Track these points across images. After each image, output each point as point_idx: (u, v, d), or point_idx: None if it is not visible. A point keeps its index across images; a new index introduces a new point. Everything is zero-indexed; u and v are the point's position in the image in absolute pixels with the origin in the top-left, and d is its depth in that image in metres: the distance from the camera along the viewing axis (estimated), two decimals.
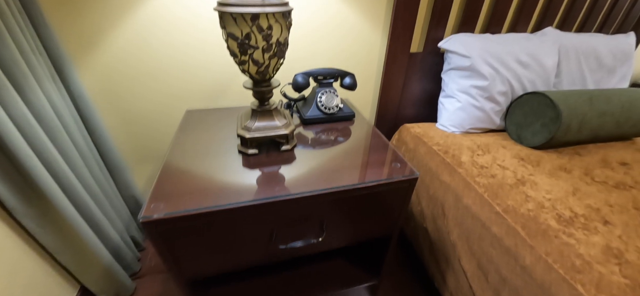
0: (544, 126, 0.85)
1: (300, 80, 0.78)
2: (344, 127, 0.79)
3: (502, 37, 0.94)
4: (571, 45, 0.99)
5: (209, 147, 0.69)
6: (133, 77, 0.82)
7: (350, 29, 0.89)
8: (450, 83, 0.95)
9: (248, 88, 0.63)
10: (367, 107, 1.07)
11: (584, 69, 1.03)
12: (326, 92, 0.79)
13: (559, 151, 0.90)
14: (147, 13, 0.74)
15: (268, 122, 0.66)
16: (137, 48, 0.78)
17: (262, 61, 0.57)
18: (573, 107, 0.84)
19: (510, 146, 0.90)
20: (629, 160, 0.88)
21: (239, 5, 0.50)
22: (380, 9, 0.88)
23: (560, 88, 1.03)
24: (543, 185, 0.73)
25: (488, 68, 0.88)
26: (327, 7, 0.84)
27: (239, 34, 0.53)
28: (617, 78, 1.10)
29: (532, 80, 0.93)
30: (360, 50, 0.94)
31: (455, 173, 0.78)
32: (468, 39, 0.89)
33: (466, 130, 0.96)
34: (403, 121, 1.09)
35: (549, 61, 0.94)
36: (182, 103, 0.90)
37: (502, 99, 0.92)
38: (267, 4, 0.50)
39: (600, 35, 1.06)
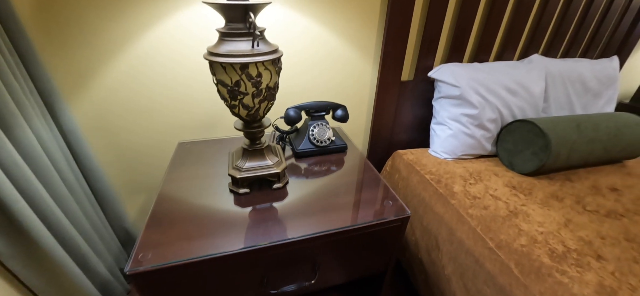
0: (534, 154, 0.86)
1: (292, 114, 0.79)
2: (336, 160, 0.79)
3: (490, 65, 0.96)
4: (557, 71, 1.02)
5: (199, 184, 0.68)
6: (125, 112, 0.82)
7: (341, 60, 0.90)
8: (441, 111, 0.96)
9: (239, 130, 0.63)
10: (360, 133, 1.07)
11: (571, 94, 1.05)
12: (318, 125, 0.80)
13: (550, 177, 0.91)
14: (139, 50, 0.74)
15: (259, 162, 0.66)
16: (129, 84, 0.78)
17: (252, 105, 0.57)
18: (562, 134, 0.85)
19: (502, 173, 0.91)
20: (619, 186, 0.89)
21: (228, 55, 0.50)
22: (370, 40, 0.90)
23: (548, 113, 1.05)
24: (535, 217, 0.73)
25: (477, 97, 0.89)
26: (318, 40, 0.85)
27: (228, 82, 0.53)
28: (603, 102, 1.12)
29: (521, 107, 0.95)
30: (352, 80, 0.95)
31: (448, 205, 0.78)
32: (457, 68, 0.91)
33: (458, 156, 0.96)
34: (396, 146, 1.10)
35: (536, 88, 0.96)
36: (174, 135, 0.89)
37: (492, 126, 0.93)
38: (256, 53, 0.51)
39: (585, 61, 1.09)
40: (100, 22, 0.69)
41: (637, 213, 0.78)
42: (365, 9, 0.85)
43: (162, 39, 0.74)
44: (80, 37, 0.70)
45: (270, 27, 0.79)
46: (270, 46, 0.55)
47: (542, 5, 1.00)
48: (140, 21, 0.71)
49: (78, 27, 0.69)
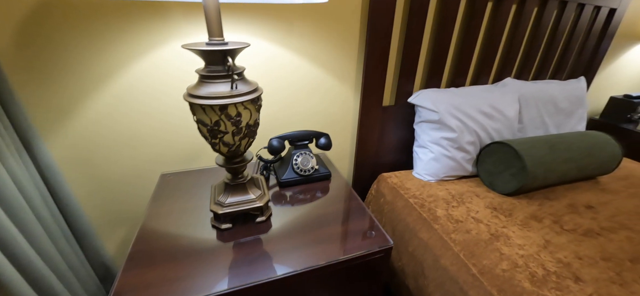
0: (512, 176, 0.89)
1: (275, 144, 0.79)
2: (320, 188, 0.80)
3: (467, 90, 1.00)
4: (529, 93, 1.07)
5: (181, 220, 0.67)
6: (106, 144, 0.80)
7: (323, 89, 0.92)
8: (422, 134, 0.98)
9: (221, 166, 0.63)
10: (345, 157, 1.08)
11: (544, 115, 1.10)
12: (302, 154, 0.80)
13: (529, 196, 0.94)
14: (123, 83, 0.74)
15: (242, 196, 0.65)
16: (112, 116, 0.77)
17: (232, 142, 0.57)
18: (537, 156, 0.89)
19: (484, 194, 0.93)
20: (594, 203, 0.92)
21: (207, 97, 0.51)
22: (350, 69, 0.93)
23: (524, 133, 1.10)
24: (516, 239, 0.74)
25: (455, 121, 0.93)
26: (300, 72, 0.87)
27: (208, 121, 0.54)
28: (575, 120, 1.18)
29: (497, 129, 0.99)
30: (335, 107, 0.97)
31: (432, 230, 0.79)
32: (435, 94, 0.95)
33: (441, 178, 0.98)
34: (382, 168, 1.11)
35: (511, 111, 1.00)
36: (156, 167, 0.88)
37: (472, 148, 0.97)
38: (235, 94, 0.52)
39: (555, 82, 1.16)
40: (82, 58, 0.69)
41: (612, 231, 0.81)
42: (344, 41, 0.88)
43: (146, 72, 0.75)
44: (62, 73, 0.69)
45: (252, 60, 0.81)
46: (249, 85, 0.56)
47: (511, 31, 1.06)
48: (123, 56, 0.72)
49: (60, 64, 0.68)
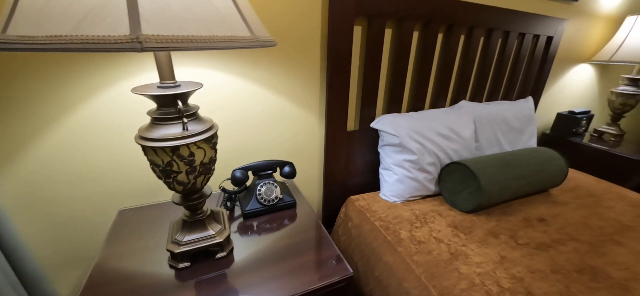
0: (470, 195, 0.94)
1: (238, 175, 0.79)
2: (284, 218, 0.80)
3: (425, 113, 1.06)
4: (483, 114, 1.15)
5: (137, 260, 0.64)
6: (59, 182, 0.76)
7: (288, 118, 0.95)
8: (386, 157, 1.02)
9: (178, 204, 0.61)
10: (314, 182, 1.10)
11: (498, 133, 1.18)
12: (266, 183, 0.81)
13: (488, 213, 0.99)
14: (77, 120, 0.72)
15: (200, 233, 0.64)
16: (65, 153, 0.74)
17: (187, 181, 0.57)
18: (491, 174, 0.95)
19: (446, 212, 0.97)
20: (546, 216, 0.99)
21: (159, 139, 0.51)
22: (314, 98, 0.96)
23: (482, 151, 1.17)
24: (474, 257, 0.78)
25: (415, 144, 0.97)
26: (264, 102, 0.89)
27: (160, 162, 0.53)
28: (526, 136, 1.28)
29: (455, 149, 1.04)
30: (301, 134, 0.99)
31: (396, 253, 0.80)
32: (395, 119, 0.99)
33: (406, 199, 1.02)
34: (351, 191, 1.13)
35: (467, 132, 1.07)
36: (115, 202, 0.84)
37: (432, 169, 1.01)
38: (187, 135, 0.52)
39: (506, 103, 1.25)
40: (33, 98, 0.67)
41: (561, 243, 0.86)
42: (306, 71, 0.91)
43: (103, 107, 0.73)
44: (10, 115, 0.67)
45: (213, 93, 0.82)
46: (204, 124, 0.56)
47: (462, 58, 1.15)
48: (78, 93, 0.70)
49: (7, 107, 0.66)
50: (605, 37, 1.61)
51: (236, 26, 0.40)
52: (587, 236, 0.90)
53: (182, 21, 0.35)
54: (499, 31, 1.15)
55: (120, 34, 0.31)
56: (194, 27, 0.35)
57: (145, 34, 0.32)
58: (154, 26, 0.33)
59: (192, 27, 0.35)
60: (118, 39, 0.31)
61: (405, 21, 0.95)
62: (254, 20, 0.46)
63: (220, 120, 0.85)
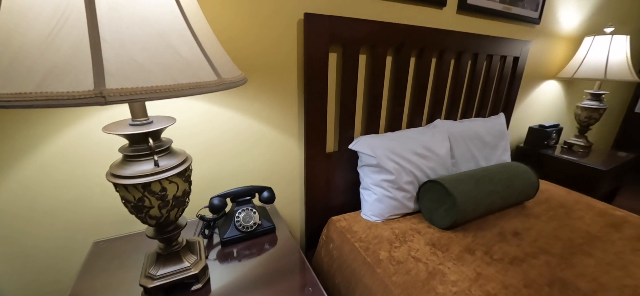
0: (446, 212, 0.97)
1: (216, 203, 0.79)
2: (263, 244, 0.80)
3: (402, 133, 1.10)
4: (458, 132, 1.20)
5: (111, 295, 0.63)
6: (30, 216, 0.74)
7: (267, 142, 0.96)
8: (365, 177, 1.05)
9: (151, 238, 0.61)
10: (296, 203, 1.11)
11: (472, 149, 1.24)
12: (244, 210, 0.81)
13: (465, 228, 1.02)
14: (51, 151, 0.71)
15: (175, 266, 0.63)
16: (38, 184, 0.73)
17: (159, 215, 0.57)
18: (465, 191, 0.98)
19: (425, 230, 1.00)
20: (520, 229, 1.03)
21: (130, 176, 0.51)
22: (292, 122, 0.98)
23: (458, 167, 1.21)
24: (450, 276, 0.80)
25: (392, 164, 1.01)
26: (242, 128, 0.90)
27: (131, 199, 0.54)
28: (500, 151, 1.33)
29: (432, 167, 1.08)
30: (281, 158, 1.01)
31: (375, 275, 0.81)
32: (373, 140, 1.03)
33: (386, 218, 1.04)
34: (333, 210, 1.14)
35: (442, 150, 1.11)
36: (89, 234, 0.83)
37: (410, 187, 1.04)
38: (159, 171, 0.53)
39: (479, 120, 1.32)
40: (4, 133, 0.67)
41: (533, 256, 0.90)
42: (284, 97, 0.94)
43: (75, 139, 0.73)
44: None
45: (191, 119, 0.83)
46: (177, 158, 0.57)
47: (435, 79, 1.21)
48: (49, 127, 0.70)
49: None
50: (568, 54, 1.73)
51: (202, 72, 0.42)
52: (558, 248, 0.94)
53: (147, 73, 0.36)
54: (469, 53, 1.22)
55: (84, 89, 0.33)
56: (158, 78, 0.37)
57: (109, 88, 0.34)
58: (118, 80, 0.34)
59: (156, 78, 0.37)
60: (82, 94, 0.33)
61: (377, 47, 1.00)
62: (222, 62, 0.48)
63: (198, 147, 0.86)
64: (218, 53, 0.48)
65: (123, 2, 0.36)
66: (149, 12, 0.39)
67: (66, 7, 0.34)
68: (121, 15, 0.36)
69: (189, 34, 0.42)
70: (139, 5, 0.38)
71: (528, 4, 1.33)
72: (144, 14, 0.38)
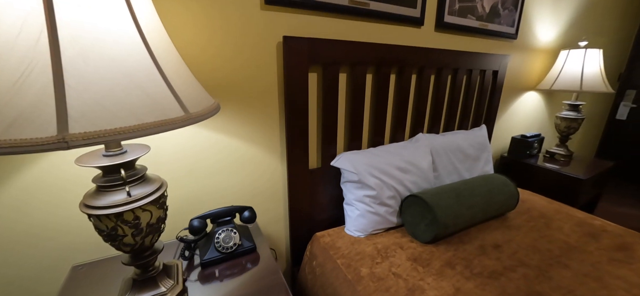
0: (427, 226, 0.99)
1: (196, 225, 0.80)
2: (243, 265, 0.80)
3: (384, 148, 1.12)
4: (439, 145, 1.23)
5: None
6: (4, 246, 0.74)
7: (250, 161, 0.97)
8: (348, 193, 1.06)
9: (126, 264, 0.62)
10: (280, 221, 1.11)
11: (455, 162, 1.26)
12: (224, 230, 0.82)
13: (447, 242, 1.03)
14: (28, 180, 0.72)
15: (151, 292, 0.63)
16: (12, 214, 0.73)
17: (133, 242, 0.58)
18: (445, 206, 1.00)
19: (407, 244, 1.01)
20: (501, 241, 1.05)
21: (102, 207, 0.52)
22: (274, 140, 1.00)
23: (441, 180, 1.23)
24: (429, 292, 0.81)
25: (374, 179, 1.02)
26: (223, 147, 0.91)
27: (104, 228, 0.54)
28: (482, 163, 1.36)
29: (414, 181, 1.10)
30: (264, 176, 1.02)
31: (356, 293, 0.82)
32: (354, 156, 1.05)
33: (369, 233, 1.05)
34: (318, 226, 1.15)
35: (424, 163, 1.14)
36: (68, 257, 0.82)
37: (392, 202, 1.06)
38: (132, 201, 0.54)
39: (461, 132, 1.35)
40: None
41: (512, 270, 0.91)
42: (266, 116, 0.95)
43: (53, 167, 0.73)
44: None
45: (170, 141, 0.84)
46: (151, 185, 0.58)
47: (416, 94, 1.24)
48: (25, 157, 0.70)
49: None
50: (546, 67, 1.78)
51: (169, 109, 0.43)
52: (536, 260, 0.96)
53: (111, 115, 0.38)
54: (448, 69, 1.26)
55: (47, 135, 0.34)
56: (123, 119, 0.38)
57: (72, 133, 0.35)
58: (82, 124, 0.36)
59: (121, 119, 0.38)
60: (45, 141, 0.34)
61: (357, 66, 1.03)
62: (192, 95, 0.50)
63: (179, 168, 0.87)
64: (188, 87, 0.50)
65: (90, 47, 0.38)
66: (117, 54, 0.40)
67: (33, 56, 0.35)
68: (87, 60, 0.37)
69: (157, 73, 0.44)
70: (107, 49, 0.39)
71: (504, 20, 1.38)
72: (111, 57, 0.39)
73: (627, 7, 2.15)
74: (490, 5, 1.30)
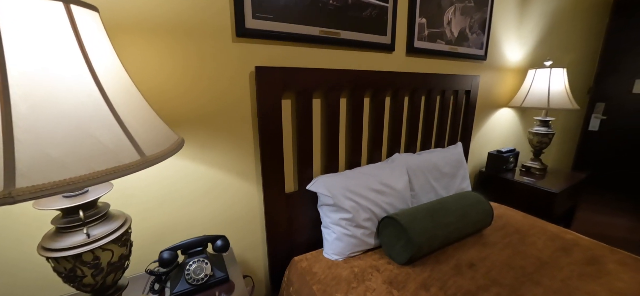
0: (403, 248, 1.00)
1: (166, 257, 0.79)
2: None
3: (360, 170, 1.14)
4: (416, 164, 1.26)
5: None
6: None
7: (225, 188, 0.97)
8: (325, 216, 1.07)
9: None
10: (258, 246, 1.11)
11: (431, 180, 1.29)
12: (196, 261, 0.81)
13: (423, 262, 1.04)
14: None
15: None
16: None
17: (93, 283, 0.57)
18: (420, 227, 1.02)
19: (384, 266, 1.02)
20: (476, 260, 1.06)
21: (60, 249, 0.52)
22: (250, 166, 1.01)
23: (418, 199, 1.26)
24: None
25: (349, 202, 1.04)
26: (197, 175, 0.91)
27: (62, 270, 0.54)
28: (459, 180, 1.40)
29: (390, 202, 1.12)
30: (241, 203, 1.02)
31: None
32: (330, 179, 1.06)
33: (347, 255, 1.05)
34: (298, 249, 1.15)
35: (400, 184, 1.16)
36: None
37: (369, 224, 1.07)
38: (91, 241, 0.54)
39: (437, 151, 1.39)
40: None
41: (485, 289, 0.92)
42: (240, 143, 0.97)
43: (8, 210, 0.72)
44: None
45: (142, 173, 0.83)
46: (114, 223, 0.58)
47: (391, 116, 1.28)
48: None
49: None
50: (517, 84, 1.87)
51: (123, 154, 0.44)
52: (509, 278, 0.97)
53: (61, 167, 0.38)
54: (422, 90, 1.31)
55: None
56: (73, 169, 0.39)
57: (19, 188, 0.35)
58: (29, 178, 0.36)
59: (70, 170, 0.39)
60: None
61: (331, 92, 1.06)
62: (151, 136, 0.51)
63: (149, 199, 0.86)
64: (147, 128, 0.51)
65: (42, 101, 0.39)
66: (70, 104, 0.41)
67: None
68: (39, 114, 0.38)
69: (112, 118, 0.45)
70: (60, 100, 0.40)
71: (473, 43, 1.46)
72: (63, 108, 0.40)
73: (590, 25, 2.29)
74: (458, 30, 1.38)
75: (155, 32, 0.77)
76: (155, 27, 0.77)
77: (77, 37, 0.44)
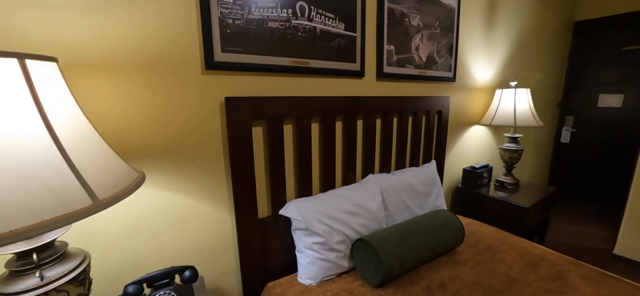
0: (374, 270, 1.02)
1: (131, 291, 0.78)
2: None
3: (333, 193, 1.17)
4: (389, 185, 1.30)
5: None
6: None
7: (196, 215, 0.98)
8: (298, 241, 1.08)
9: None
10: (232, 273, 1.10)
11: (405, 200, 1.33)
12: (162, 294, 0.81)
13: (397, 284, 1.05)
14: None
15: None
16: None
17: None
18: (390, 248, 1.04)
19: (357, 290, 1.03)
20: (447, 279, 1.09)
21: (10, 294, 0.51)
22: (222, 192, 1.02)
23: (392, 219, 1.29)
24: None
25: (322, 225, 1.05)
26: (167, 204, 0.92)
27: None
28: (433, 198, 1.44)
29: (363, 224, 1.14)
30: (213, 230, 1.02)
31: None
32: (302, 203, 1.08)
33: (320, 280, 1.06)
34: (273, 274, 1.15)
35: (373, 205, 1.19)
36: None
37: (342, 247, 1.09)
38: (45, 284, 0.54)
39: (411, 170, 1.43)
40: None
41: None
42: (212, 169, 0.98)
43: None
44: None
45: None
46: (71, 263, 0.58)
47: (364, 137, 1.32)
48: None
49: None
50: (487, 103, 1.96)
51: (75, 200, 0.46)
52: None
53: (7, 217, 0.40)
54: (394, 112, 1.36)
55: None
56: (20, 219, 0.40)
57: None
58: None
59: (18, 221, 0.40)
60: None
61: (302, 118, 1.10)
62: (105, 180, 0.52)
63: (116, 233, 0.85)
64: (104, 171, 0.53)
65: None
66: (20, 155, 0.42)
67: None
68: None
69: (65, 166, 0.47)
70: (10, 152, 0.42)
71: (441, 67, 1.54)
72: (13, 160, 0.42)
73: (554, 44, 2.45)
74: (426, 54, 1.46)
75: (122, 69, 0.79)
76: (123, 64, 0.79)
77: (32, 90, 0.46)
